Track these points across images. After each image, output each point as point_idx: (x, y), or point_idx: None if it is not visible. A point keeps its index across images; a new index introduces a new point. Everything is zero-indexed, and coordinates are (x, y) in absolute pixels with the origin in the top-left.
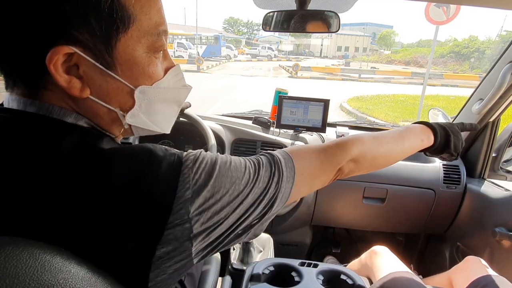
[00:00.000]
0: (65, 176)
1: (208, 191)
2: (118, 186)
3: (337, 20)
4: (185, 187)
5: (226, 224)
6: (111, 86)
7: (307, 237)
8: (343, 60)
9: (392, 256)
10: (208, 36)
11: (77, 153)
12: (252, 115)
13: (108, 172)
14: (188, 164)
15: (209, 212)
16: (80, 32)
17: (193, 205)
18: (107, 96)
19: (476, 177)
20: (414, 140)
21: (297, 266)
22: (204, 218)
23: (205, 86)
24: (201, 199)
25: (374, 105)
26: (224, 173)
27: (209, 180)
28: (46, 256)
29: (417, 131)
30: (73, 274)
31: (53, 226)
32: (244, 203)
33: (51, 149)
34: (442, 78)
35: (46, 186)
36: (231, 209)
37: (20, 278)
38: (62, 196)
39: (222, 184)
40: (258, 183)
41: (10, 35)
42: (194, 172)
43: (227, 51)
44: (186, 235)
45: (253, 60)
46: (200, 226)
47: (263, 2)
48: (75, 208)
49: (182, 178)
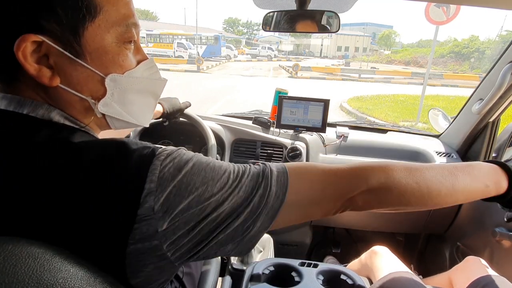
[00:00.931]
0: (37, 173)
1: (174, 186)
2: (87, 180)
3: (337, 20)
4: (151, 178)
5: (200, 229)
6: (81, 74)
7: (307, 237)
8: (343, 60)
9: (392, 256)
10: (208, 36)
11: (47, 148)
12: (252, 115)
13: (76, 166)
14: (159, 157)
15: (175, 210)
16: (47, 21)
17: (157, 199)
18: (78, 85)
19: None
20: (474, 182)
21: (297, 266)
22: (169, 216)
23: (205, 86)
24: (165, 194)
25: (374, 105)
26: (197, 172)
27: (177, 175)
28: (46, 256)
29: (483, 171)
30: (72, 274)
31: (32, 223)
32: (219, 210)
33: (21, 146)
34: (442, 78)
35: (19, 184)
36: (202, 213)
37: (19, 277)
38: (35, 192)
39: (191, 181)
40: (238, 192)
41: None
42: (163, 166)
43: (227, 51)
44: (152, 232)
45: (253, 60)
46: (166, 224)
47: (263, 2)
48: (47, 204)
49: (151, 170)
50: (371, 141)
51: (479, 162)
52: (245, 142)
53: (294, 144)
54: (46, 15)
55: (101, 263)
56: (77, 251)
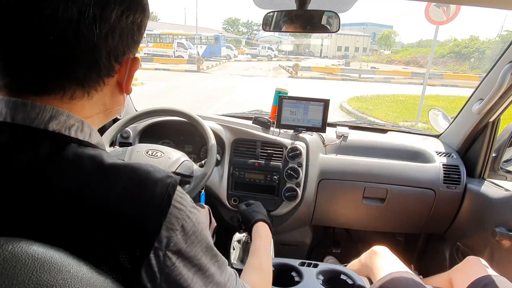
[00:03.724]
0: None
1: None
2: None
3: (337, 20)
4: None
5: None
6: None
7: (307, 237)
8: (343, 60)
9: (392, 256)
10: (208, 36)
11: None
12: (252, 115)
13: (110, 188)
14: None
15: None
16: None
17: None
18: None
19: (476, 177)
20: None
21: (297, 266)
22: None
23: (205, 86)
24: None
25: (374, 105)
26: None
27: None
28: (46, 257)
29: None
30: (73, 275)
31: (54, 228)
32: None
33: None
34: (442, 78)
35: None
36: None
37: (19, 278)
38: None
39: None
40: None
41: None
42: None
43: (227, 51)
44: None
45: (253, 60)
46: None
47: (263, 2)
48: (75, 217)
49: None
50: (371, 141)
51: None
52: (245, 142)
53: (294, 144)
54: (133, 49)
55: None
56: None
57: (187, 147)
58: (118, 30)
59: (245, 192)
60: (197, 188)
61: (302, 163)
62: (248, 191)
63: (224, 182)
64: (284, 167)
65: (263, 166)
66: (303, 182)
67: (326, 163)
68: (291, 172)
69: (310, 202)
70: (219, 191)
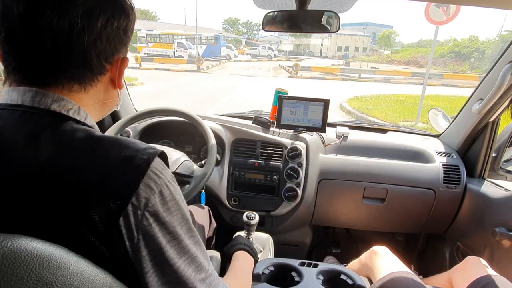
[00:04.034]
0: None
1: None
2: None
3: (337, 20)
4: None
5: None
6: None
7: (307, 237)
8: (343, 60)
9: (392, 256)
10: (208, 36)
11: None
12: (252, 115)
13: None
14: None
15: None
16: (126, 47)
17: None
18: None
19: (476, 177)
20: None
21: (297, 266)
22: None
23: (205, 86)
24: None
25: (374, 105)
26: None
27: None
28: (45, 253)
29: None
30: (72, 271)
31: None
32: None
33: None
34: (442, 78)
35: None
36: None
37: (18, 275)
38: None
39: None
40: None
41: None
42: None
43: (227, 51)
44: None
45: (253, 60)
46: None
47: (263, 2)
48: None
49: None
50: (371, 141)
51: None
52: (245, 142)
53: (294, 144)
54: (127, 45)
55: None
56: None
57: (187, 147)
58: (105, 35)
59: (245, 192)
60: (197, 188)
61: (302, 163)
62: (248, 191)
63: (224, 182)
64: (284, 167)
65: (263, 166)
66: (303, 182)
67: (326, 163)
68: (291, 172)
69: (310, 202)
70: (219, 191)
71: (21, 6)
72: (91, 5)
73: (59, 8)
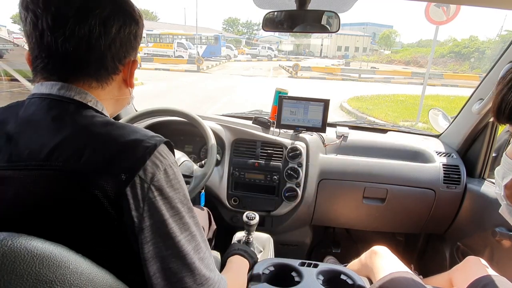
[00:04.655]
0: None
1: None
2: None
3: (337, 20)
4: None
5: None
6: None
7: (307, 237)
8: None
9: (392, 256)
10: (208, 36)
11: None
12: (252, 115)
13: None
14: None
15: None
16: (136, 51)
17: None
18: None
19: (476, 177)
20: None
21: (297, 266)
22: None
23: (205, 86)
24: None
25: (374, 105)
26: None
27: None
28: (45, 252)
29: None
30: (72, 270)
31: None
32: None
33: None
34: (442, 78)
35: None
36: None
37: (18, 273)
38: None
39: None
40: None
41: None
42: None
43: (227, 51)
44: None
45: (253, 60)
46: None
47: (263, 2)
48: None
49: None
50: (371, 141)
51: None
52: (245, 142)
53: (294, 144)
54: (136, 49)
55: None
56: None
57: (187, 147)
58: (118, 40)
59: (245, 192)
60: (197, 188)
61: (302, 163)
62: (248, 191)
63: (224, 182)
64: (284, 167)
65: (263, 166)
66: (303, 182)
67: (326, 163)
68: (291, 172)
69: (310, 202)
70: (219, 191)
71: (49, 17)
72: (106, 14)
73: (80, 17)
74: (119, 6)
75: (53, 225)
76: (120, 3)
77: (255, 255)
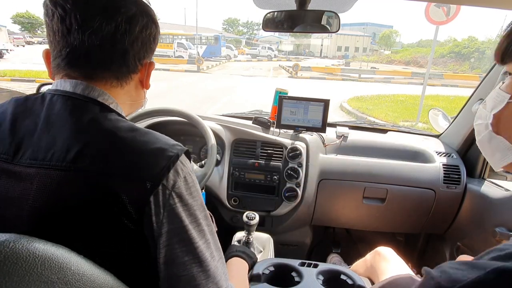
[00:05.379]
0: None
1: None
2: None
3: (337, 20)
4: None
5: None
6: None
7: (307, 237)
8: (343, 60)
9: (396, 258)
10: (208, 36)
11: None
12: (252, 115)
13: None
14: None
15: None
16: (148, 58)
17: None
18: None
19: (476, 177)
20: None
21: (297, 266)
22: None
23: (205, 86)
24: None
25: (374, 105)
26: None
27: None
28: (47, 254)
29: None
30: (74, 272)
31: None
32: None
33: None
34: (442, 78)
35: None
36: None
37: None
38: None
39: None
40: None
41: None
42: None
43: (227, 51)
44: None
45: (253, 60)
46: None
47: (263, 2)
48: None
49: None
50: (371, 141)
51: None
52: (245, 142)
53: (294, 144)
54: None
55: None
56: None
57: (187, 147)
58: (140, 39)
59: (245, 192)
60: None
61: (302, 163)
62: (248, 191)
63: (224, 182)
64: (284, 167)
65: (263, 166)
66: (303, 182)
67: (326, 163)
68: (291, 172)
69: (310, 202)
70: (219, 191)
71: (78, 12)
72: (132, 13)
73: (106, 14)
74: (143, 7)
75: (69, 225)
76: (143, 5)
77: (254, 255)
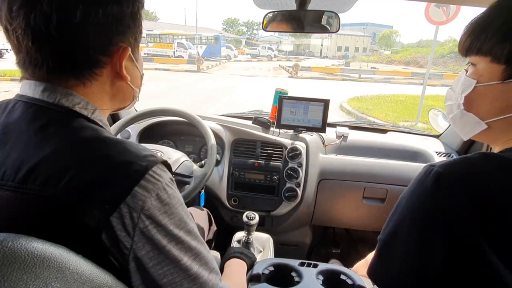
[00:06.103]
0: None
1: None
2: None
3: (337, 20)
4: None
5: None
6: (136, 73)
7: (307, 237)
8: (343, 60)
9: None
10: (208, 36)
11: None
12: (252, 115)
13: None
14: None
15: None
16: (129, 36)
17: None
18: (134, 81)
19: None
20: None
21: (297, 266)
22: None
23: (205, 86)
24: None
25: (374, 105)
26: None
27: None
28: (45, 253)
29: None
30: (72, 271)
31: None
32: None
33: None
34: (442, 78)
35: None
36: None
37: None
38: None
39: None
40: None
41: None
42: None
43: (227, 51)
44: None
45: (253, 60)
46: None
47: (263, 2)
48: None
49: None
50: (371, 141)
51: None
52: (245, 142)
53: (294, 144)
54: (132, 32)
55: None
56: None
57: (187, 147)
58: (90, 27)
59: (245, 192)
60: (197, 188)
61: (302, 163)
62: (248, 191)
63: (224, 182)
64: (284, 167)
65: (263, 166)
66: (303, 182)
67: (326, 163)
68: (291, 172)
69: (310, 202)
70: (219, 191)
71: (6, 7)
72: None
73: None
74: None
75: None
76: None
77: (253, 255)
